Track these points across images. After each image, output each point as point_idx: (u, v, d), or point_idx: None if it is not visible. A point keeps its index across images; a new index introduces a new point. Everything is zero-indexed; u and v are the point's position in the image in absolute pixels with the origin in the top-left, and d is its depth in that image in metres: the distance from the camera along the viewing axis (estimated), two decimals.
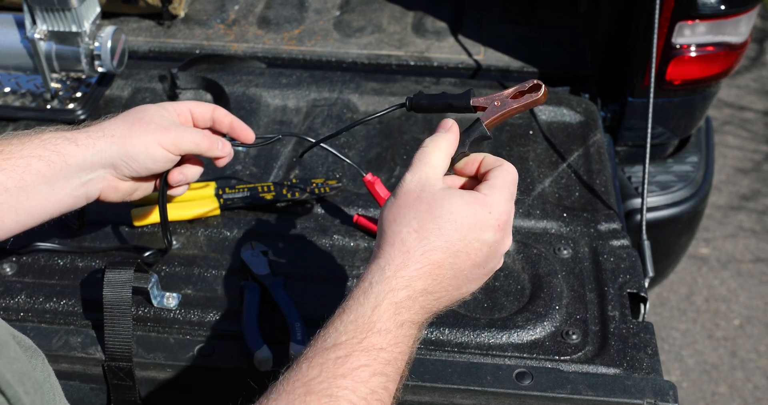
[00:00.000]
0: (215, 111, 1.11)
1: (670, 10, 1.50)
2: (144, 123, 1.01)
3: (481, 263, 0.81)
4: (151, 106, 1.06)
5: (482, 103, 0.92)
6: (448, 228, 0.79)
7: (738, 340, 2.57)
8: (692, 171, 1.84)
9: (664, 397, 1.01)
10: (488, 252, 0.81)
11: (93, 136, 0.98)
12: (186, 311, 1.14)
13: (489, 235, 0.81)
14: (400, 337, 0.76)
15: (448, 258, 0.79)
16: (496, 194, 0.82)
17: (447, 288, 0.80)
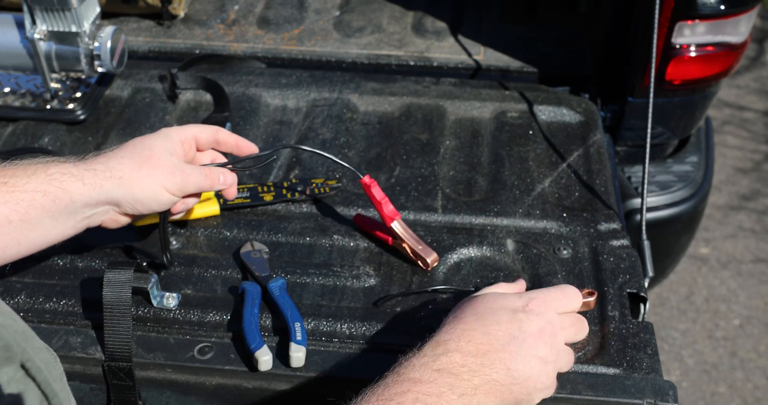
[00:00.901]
0: (218, 133, 1.14)
1: (670, 10, 1.50)
2: (151, 166, 1.03)
3: (515, 334, 0.90)
4: (159, 139, 1.07)
5: None
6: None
7: (738, 340, 2.57)
8: (692, 171, 1.84)
9: (664, 397, 1.01)
10: (519, 323, 0.91)
11: (100, 176, 0.99)
12: (186, 311, 1.14)
13: (510, 304, 0.94)
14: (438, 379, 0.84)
15: (476, 323, 0.91)
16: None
17: (486, 347, 0.88)
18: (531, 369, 0.89)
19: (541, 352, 0.91)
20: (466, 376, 0.85)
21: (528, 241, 1.27)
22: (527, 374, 0.89)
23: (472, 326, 0.90)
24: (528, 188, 1.38)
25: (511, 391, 0.87)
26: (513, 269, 1.22)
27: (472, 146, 1.49)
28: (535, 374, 0.90)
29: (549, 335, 0.93)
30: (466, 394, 0.84)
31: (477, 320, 0.91)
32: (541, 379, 0.90)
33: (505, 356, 0.88)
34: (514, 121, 1.55)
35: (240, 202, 1.31)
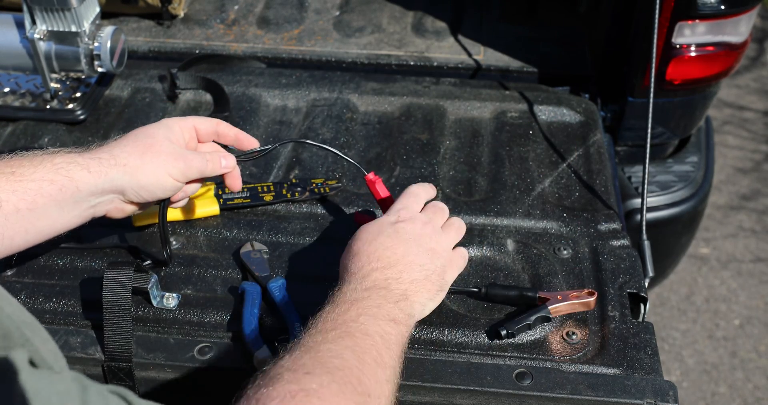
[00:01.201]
0: (219, 125, 1.16)
1: (670, 10, 1.50)
2: (154, 152, 1.05)
3: (406, 238, 1.04)
4: (160, 129, 1.09)
5: (547, 295, 1.13)
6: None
7: (738, 340, 2.57)
8: (692, 171, 1.84)
9: (664, 398, 1.01)
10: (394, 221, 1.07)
11: (105, 164, 1.01)
12: (186, 311, 1.14)
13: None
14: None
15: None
16: None
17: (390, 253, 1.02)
18: (435, 256, 1.05)
19: (433, 241, 1.07)
20: (393, 286, 0.98)
21: (528, 241, 1.27)
22: (435, 263, 1.04)
23: (371, 250, 1.02)
24: (528, 188, 1.38)
25: (432, 282, 1.03)
26: (513, 269, 1.22)
27: (472, 146, 1.49)
28: (440, 260, 1.05)
29: (430, 227, 1.09)
30: (399, 300, 0.97)
31: (371, 244, 1.03)
32: (446, 260, 1.07)
33: (411, 258, 1.02)
34: (514, 121, 1.55)
35: (240, 202, 1.31)
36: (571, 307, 1.12)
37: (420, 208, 1.13)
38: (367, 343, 0.88)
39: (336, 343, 0.86)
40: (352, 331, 0.89)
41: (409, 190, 1.15)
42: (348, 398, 0.80)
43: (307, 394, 0.77)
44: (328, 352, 0.84)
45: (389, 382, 0.87)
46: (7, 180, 0.94)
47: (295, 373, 0.80)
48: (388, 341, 0.91)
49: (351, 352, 0.86)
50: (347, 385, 0.81)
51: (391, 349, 0.91)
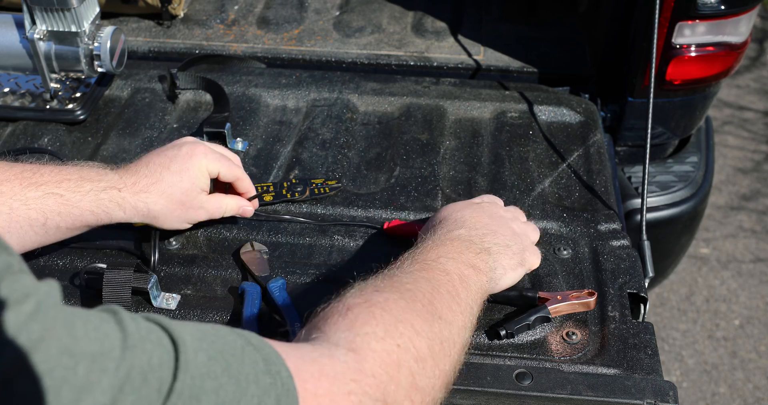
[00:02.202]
0: (239, 180, 1.22)
1: (670, 10, 1.50)
2: (183, 209, 1.15)
3: (490, 213, 1.11)
4: (194, 177, 1.14)
5: (547, 295, 1.13)
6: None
7: (738, 340, 2.57)
8: (692, 171, 1.84)
9: (664, 398, 1.01)
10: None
11: (138, 212, 1.11)
12: (186, 311, 1.14)
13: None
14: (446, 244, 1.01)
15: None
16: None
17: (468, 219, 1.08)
18: (517, 237, 1.10)
19: (515, 225, 1.13)
20: (476, 240, 1.02)
21: None
22: (517, 241, 1.09)
23: (457, 216, 1.08)
24: (528, 188, 1.38)
25: (514, 252, 1.07)
26: None
27: (472, 146, 1.49)
28: (522, 242, 1.10)
29: (511, 214, 1.15)
30: (481, 252, 1.01)
31: (457, 213, 1.09)
32: (528, 243, 1.12)
33: (494, 227, 1.07)
34: (514, 121, 1.55)
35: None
36: (571, 308, 1.12)
37: (502, 204, 1.21)
38: (444, 278, 0.91)
39: (412, 273, 0.90)
40: (430, 267, 0.92)
41: (488, 195, 1.24)
42: (415, 314, 0.81)
43: (371, 305, 0.79)
44: (403, 278, 0.87)
45: (463, 315, 0.88)
46: (56, 202, 1.05)
47: (362, 290, 0.83)
48: (466, 282, 0.93)
49: (426, 281, 0.88)
50: (416, 303, 0.83)
51: (470, 290, 0.93)
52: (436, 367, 0.80)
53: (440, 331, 0.82)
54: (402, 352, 0.76)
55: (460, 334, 0.86)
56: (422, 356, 0.78)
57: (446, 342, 0.82)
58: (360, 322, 0.77)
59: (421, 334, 0.79)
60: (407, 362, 0.76)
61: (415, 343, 0.78)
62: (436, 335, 0.81)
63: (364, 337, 0.75)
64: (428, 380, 0.79)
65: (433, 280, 0.89)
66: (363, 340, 0.75)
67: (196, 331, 0.66)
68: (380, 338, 0.76)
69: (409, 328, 0.79)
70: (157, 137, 1.50)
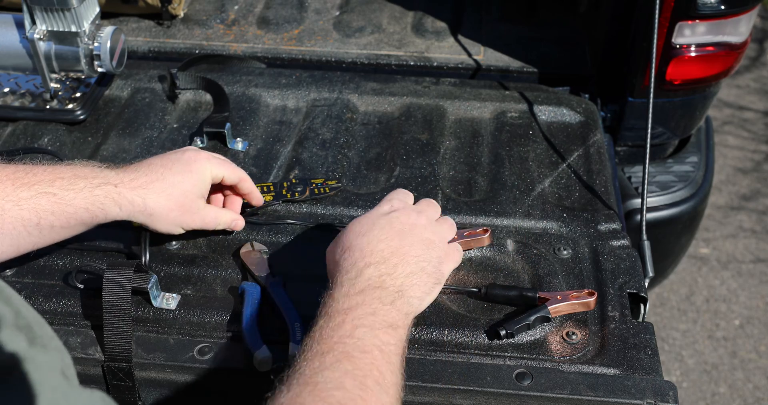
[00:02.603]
0: (242, 182, 1.22)
1: (670, 10, 1.50)
2: (181, 211, 1.14)
3: (400, 228, 1.03)
4: (196, 184, 1.14)
5: (547, 295, 1.13)
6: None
7: (738, 340, 2.57)
8: (692, 171, 1.84)
9: (664, 398, 1.01)
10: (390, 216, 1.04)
11: (136, 208, 1.10)
12: (186, 311, 1.14)
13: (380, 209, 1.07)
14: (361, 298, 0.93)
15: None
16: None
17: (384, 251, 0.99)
18: (430, 247, 1.03)
19: (428, 231, 1.06)
20: (387, 283, 0.96)
21: (528, 241, 1.27)
22: (431, 254, 1.03)
23: (364, 243, 1.00)
24: (528, 188, 1.38)
25: (428, 274, 1.01)
26: (513, 269, 1.22)
27: (472, 146, 1.49)
28: (436, 250, 1.04)
29: (424, 217, 1.08)
30: (395, 298, 0.94)
31: (364, 236, 1.01)
32: (442, 252, 1.05)
33: (406, 249, 1.00)
34: (514, 121, 1.55)
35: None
36: (571, 308, 1.12)
37: (412, 202, 1.14)
38: (366, 361, 0.86)
39: (334, 369, 0.84)
40: (349, 351, 0.86)
41: (397, 189, 1.16)
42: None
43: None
44: (328, 384, 0.82)
45: (390, 398, 0.85)
46: (48, 200, 1.03)
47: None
48: (388, 354, 0.89)
49: (351, 378, 0.83)
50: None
51: (392, 363, 0.88)
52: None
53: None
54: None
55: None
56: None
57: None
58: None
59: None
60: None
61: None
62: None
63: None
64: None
65: (358, 372, 0.84)
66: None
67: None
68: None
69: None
70: (157, 137, 1.50)
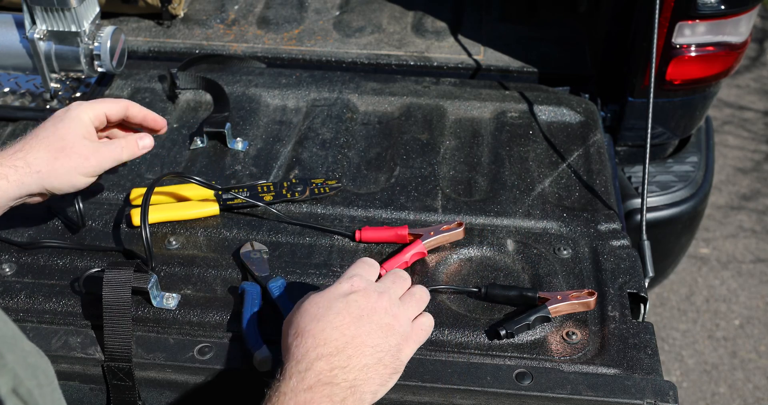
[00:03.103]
0: (129, 109, 1.16)
1: (670, 10, 1.50)
2: (66, 156, 1.07)
3: (359, 314, 0.92)
4: (71, 126, 1.09)
5: (547, 295, 1.13)
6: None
7: (738, 340, 2.57)
8: (692, 171, 1.84)
9: (664, 398, 1.01)
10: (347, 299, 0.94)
11: (21, 172, 1.05)
12: (185, 311, 1.14)
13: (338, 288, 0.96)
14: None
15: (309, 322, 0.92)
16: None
17: (336, 340, 0.90)
18: (389, 333, 0.93)
19: (389, 316, 0.94)
20: (339, 378, 0.87)
21: (528, 241, 1.27)
22: (389, 342, 0.92)
23: (318, 330, 0.91)
24: (528, 188, 1.38)
25: (385, 365, 0.91)
26: (513, 269, 1.22)
27: (472, 146, 1.49)
28: (396, 337, 0.93)
29: (386, 298, 0.96)
30: (347, 396, 0.86)
31: (319, 322, 0.91)
32: (402, 337, 0.94)
33: (362, 338, 0.91)
34: (514, 121, 1.55)
35: (240, 202, 1.31)
36: (571, 308, 1.12)
37: (376, 277, 1.01)
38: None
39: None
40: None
41: (363, 259, 1.04)
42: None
43: None
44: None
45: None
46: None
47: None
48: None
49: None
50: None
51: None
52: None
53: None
54: None
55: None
56: None
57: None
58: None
59: None
60: None
61: None
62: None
63: None
64: None
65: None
66: None
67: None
68: None
69: None
70: (157, 137, 1.50)
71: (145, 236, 1.17)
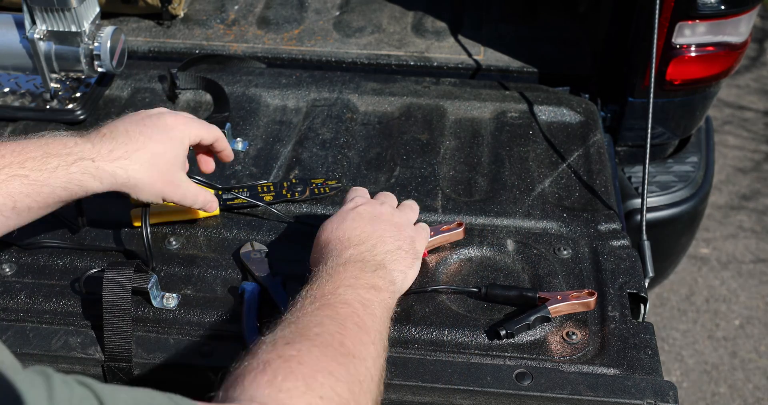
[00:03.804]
0: (218, 140, 1.20)
1: (670, 10, 1.50)
2: (163, 182, 1.10)
3: (370, 217, 1.09)
4: (174, 149, 1.11)
5: (547, 295, 1.13)
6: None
7: (738, 341, 2.57)
8: (692, 171, 1.84)
9: (664, 398, 1.01)
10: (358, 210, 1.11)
11: (118, 179, 1.05)
12: (186, 311, 1.14)
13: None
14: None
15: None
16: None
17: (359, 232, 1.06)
18: (401, 229, 1.10)
19: (395, 218, 1.12)
20: (368, 258, 1.01)
21: (528, 241, 1.27)
22: (404, 234, 1.09)
23: (340, 235, 1.06)
24: (528, 188, 1.38)
25: (406, 251, 1.07)
26: (513, 269, 1.22)
27: (472, 146, 1.49)
28: (408, 230, 1.11)
29: (387, 206, 1.14)
30: (377, 268, 1.00)
31: (338, 230, 1.07)
32: (413, 231, 1.12)
33: (380, 232, 1.06)
34: (514, 121, 1.55)
35: (240, 202, 1.31)
36: (571, 308, 1.12)
37: (370, 197, 1.19)
38: (347, 311, 0.90)
39: (315, 314, 0.89)
40: (331, 302, 0.91)
41: (354, 188, 1.22)
42: (330, 359, 0.80)
43: (286, 360, 0.78)
44: (308, 323, 0.86)
45: (374, 344, 0.88)
46: (21, 183, 0.98)
47: (274, 344, 0.82)
48: (369, 307, 0.92)
49: (330, 320, 0.87)
50: (328, 347, 0.82)
51: (374, 315, 0.92)
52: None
53: (357, 371, 0.82)
54: (325, 404, 0.76)
55: (375, 365, 0.86)
56: (345, 402, 0.77)
57: (364, 380, 0.82)
58: (280, 377, 0.76)
59: (340, 380, 0.79)
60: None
61: (336, 390, 0.77)
62: (354, 377, 0.81)
63: (287, 392, 0.74)
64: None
65: (338, 317, 0.88)
66: (286, 395, 0.74)
67: (130, 398, 0.65)
68: (302, 393, 0.75)
69: (328, 376, 0.78)
70: None
71: (145, 235, 1.16)
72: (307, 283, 0.96)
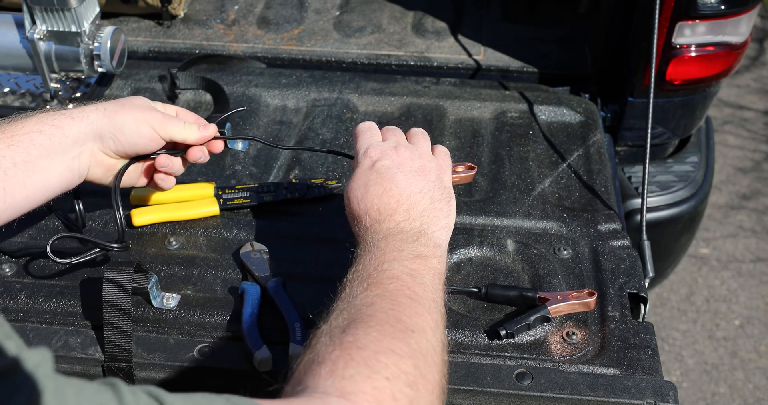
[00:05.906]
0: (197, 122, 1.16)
1: (670, 10, 1.50)
2: (134, 106, 1.08)
3: (395, 169, 1.03)
4: (145, 99, 1.12)
5: (547, 295, 1.13)
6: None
7: (738, 341, 2.57)
8: (692, 171, 1.84)
9: (664, 398, 1.01)
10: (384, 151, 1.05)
11: (86, 110, 1.05)
12: (185, 311, 1.14)
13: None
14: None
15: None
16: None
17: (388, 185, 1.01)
18: (426, 174, 1.04)
19: (414, 161, 1.05)
20: (406, 227, 0.98)
21: (528, 241, 1.27)
22: (430, 179, 1.04)
23: (368, 206, 1.01)
24: (528, 188, 1.38)
25: (439, 199, 1.03)
26: (513, 269, 1.22)
27: (472, 146, 1.49)
28: (431, 172, 1.05)
29: (403, 149, 1.06)
30: (419, 236, 0.97)
31: (363, 201, 1.01)
32: (436, 169, 1.06)
33: (408, 190, 1.01)
34: (514, 121, 1.55)
35: (240, 202, 1.31)
36: (571, 308, 1.12)
37: (380, 138, 1.10)
38: (396, 285, 0.88)
39: (365, 295, 0.86)
40: (378, 280, 0.89)
41: (358, 129, 1.12)
42: (390, 338, 0.79)
43: (345, 348, 0.76)
44: (359, 305, 0.84)
45: (430, 314, 0.86)
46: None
47: (330, 334, 0.80)
48: (418, 277, 0.90)
49: (381, 298, 0.85)
50: (384, 326, 0.80)
51: (425, 284, 0.90)
52: (428, 383, 0.78)
53: (418, 345, 0.80)
54: (393, 384, 0.74)
55: (435, 335, 0.84)
56: (413, 379, 0.76)
57: (428, 354, 0.81)
58: (341, 366, 0.74)
59: (403, 357, 0.77)
60: (401, 391, 0.74)
61: (401, 367, 0.76)
62: (416, 351, 0.79)
63: (351, 379, 0.73)
64: (426, 399, 0.77)
65: (388, 293, 0.86)
66: (350, 383, 0.73)
67: (191, 403, 0.65)
68: (366, 377, 0.73)
69: (391, 355, 0.77)
70: None
71: (115, 200, 1.10)
72: (351, 265, 0.94)
